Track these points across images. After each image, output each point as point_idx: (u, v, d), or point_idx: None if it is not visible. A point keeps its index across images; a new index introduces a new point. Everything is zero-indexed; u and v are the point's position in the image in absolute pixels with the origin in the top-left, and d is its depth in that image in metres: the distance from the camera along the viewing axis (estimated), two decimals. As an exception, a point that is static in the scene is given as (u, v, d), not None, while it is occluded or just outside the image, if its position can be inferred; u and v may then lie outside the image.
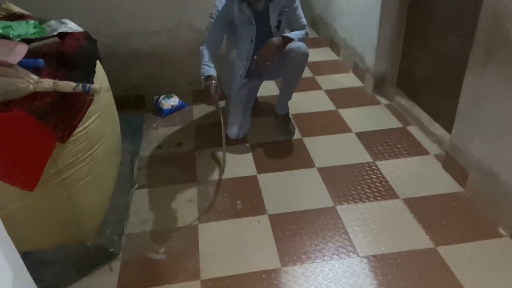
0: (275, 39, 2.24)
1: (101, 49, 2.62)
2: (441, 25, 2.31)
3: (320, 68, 3.35)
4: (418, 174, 2.12)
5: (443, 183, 2.05)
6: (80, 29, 1.98)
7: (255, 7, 2.24)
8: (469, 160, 1.95)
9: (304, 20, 2.38)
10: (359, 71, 3.11)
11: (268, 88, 2.90)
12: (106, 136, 1.80)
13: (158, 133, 2.56)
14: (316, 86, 3.06)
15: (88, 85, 1.53)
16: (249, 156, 2.30)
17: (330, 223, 1.84)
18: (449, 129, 2.23)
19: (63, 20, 2.00)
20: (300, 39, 2.29)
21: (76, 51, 1.73)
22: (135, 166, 2.25)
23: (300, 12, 2.36)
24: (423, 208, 1.90)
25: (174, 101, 2.76)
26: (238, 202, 1.98)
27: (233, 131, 2.38)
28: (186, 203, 1.98)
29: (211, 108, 2.79)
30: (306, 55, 2.22)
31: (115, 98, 2.75)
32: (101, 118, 1.75)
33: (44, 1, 2.39)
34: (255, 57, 2.23)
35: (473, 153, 1.91)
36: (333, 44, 3.64)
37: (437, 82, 2.41)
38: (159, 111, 2.75)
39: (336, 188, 2.04)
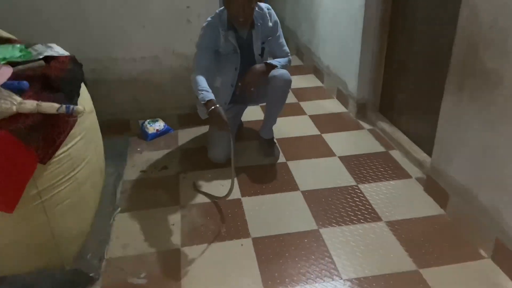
0: (259, 66, 2.29)
1: (87, 74, 2.64)
2: (419, 52, 2.40)
3: (305, 94, 3.42)
4: (401, 197, 2.14)
5: (425, 206, 2.07)
6: (66, 53, 2.00)
7: (240, 35, 2.30)
8: (449, 183, 1.98)
9: (286, 48, 2.44)
10: (342, 97, 3.18)
11: (253, 113, 2.95)
12: (89, 159, 1.80)
13: (142, 157, 2.55)
14: (301, 112, 3.11)
15: (71, 106, 1.54)
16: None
17: (314, 246, 1.84)
18: (430, 152, 2.28)
19: (49, 44, 2.03)
20: (283, 66, 2.35)
21: (61, 74, 1.74)
22: (118, 190, 2.23)
23: (282, 40, 2.42)
24: (405, 231, 1.91)
25: (159, 125, 2.77)
26: (222, 225, 1.97)
27: (217, 154, 2.39)
28: (169, 227, 1.97)
29: (197, 132, 2.81)
30: (289, 81, 2.27)
31: (100, 122, 2.75)
32: (84, 140, 1.75)
33: (31, 26, 2.42)
34: (239, 84, 2.27)
35: (452, 176, 1.95)
36: (317, 71, 3.73)
37: (417, 107, 2.47)
38: (144, 135, 2.75)
39: (320, 211, 2.05)
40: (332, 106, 3.20)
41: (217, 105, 2.07)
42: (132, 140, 2.75)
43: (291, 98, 3.33)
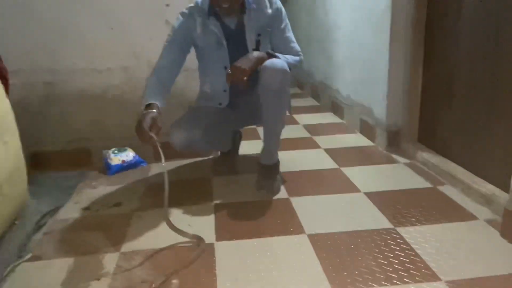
0: (257, 52, 1.67)
1: (39, 89, 2.12)
2: (470, 57, 1.74)
3: (320, 129, 2.76)
4: (465, 246, 1.35)
5: (506, 258, 1.27)
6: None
7: (226, 24, 1.73)
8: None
9: (296, 46, 1.82)
10: (368, 129, 2.49)
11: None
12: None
13: (93, 193, 1.88)
14: (313, 145, 2.42)
15: None
16: (208, 219, 1.57)
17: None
18: (502, 183, 1.52)
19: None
20: (290, 64, 1.71)
21: None
22: (41, 231, 1.54)
23: (290, 35, 1.81)
24: (484, 298, 1.11)
25: (127, 155, 2.13)
26: (173, 281, 1.21)
27: (177, 136, 1.71)
28: (91, 283, 1.22)
29: (177, 164, 2.15)
30: (284, 71, 1.59)
31: (53, 152, 2.18)
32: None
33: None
34: (228, 70, 1.63)
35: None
36: (335, 107, 3.09)
37: (476, 126, 1.75)
38: (106, 168, 2.11)
39: (336, 265, 1.27)
40: (354, 140, 2.51)
41: (153, 110, 1.49)
42: (91, 174, 2.10)
43: (302, 132, 2.67)
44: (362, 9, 2.47)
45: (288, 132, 2.61)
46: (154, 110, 1.50)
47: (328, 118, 3.06)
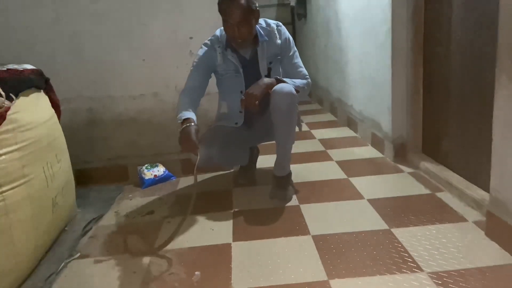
0: (267, 79, 1.92)
1: (83, 114, 2.45)
2: (463, 75, 1.92)
3: (334, 143, 2.95)
4: (451, 243, 1.52)
5: (487, 253, 1.44)
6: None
7: (242, 54, 1.99)
8: (521, 216, 1.37)
9: (304, 70, 2.05)
10: (377, 142, 2.68)
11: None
12: (30, 180, 1.44)
13: (130, 203, 2.16)
14: (327, 158, 2.63)
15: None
16: (227, 224, 1.82)
17: (319, 302, 1.26)
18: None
19: (23, 65, 1.83)
20: (298, 87, 1.94)
21: (7, 76, 1.48)
22: (87, 235, 1.82)
23: (298, 60, 2.05)
24: (458, 285, 1.28)
25: (158, 170, 2.41)
26: (196, 273, 1.45)
27: (204, 155, 1.91)
28: (129, 275, 1.48)
29: (203, 177, 2.41)
30: (291, 94, 1.83)
31: (94, 169, 2.48)
32: (24, 153, 1.41)
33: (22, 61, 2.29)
34: (243, 96, 1.89)
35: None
36: (350, 121, 3.29)
37: (470, 137, 1.92)
38: (140, 182, 2.39)
39: (334, 259, 1.48)
40: (365, 152, 2.69)
41: (192, 124, 1.75)
42: (127, 188, 2.39)
43: (317, 146, 2.88)
44: (368, 33, 2.69)
45: (304, 146, 2.86)
46: (193, 124, 1.76)
47: (343, 132, 3.25)
